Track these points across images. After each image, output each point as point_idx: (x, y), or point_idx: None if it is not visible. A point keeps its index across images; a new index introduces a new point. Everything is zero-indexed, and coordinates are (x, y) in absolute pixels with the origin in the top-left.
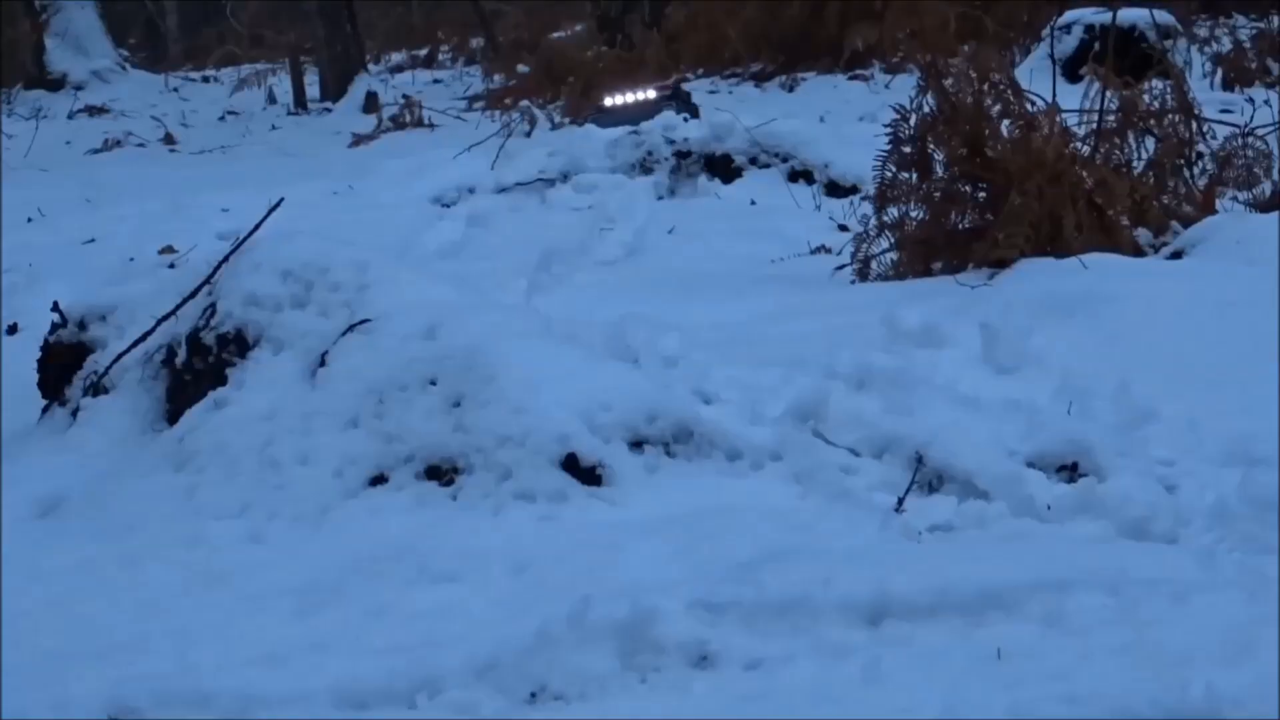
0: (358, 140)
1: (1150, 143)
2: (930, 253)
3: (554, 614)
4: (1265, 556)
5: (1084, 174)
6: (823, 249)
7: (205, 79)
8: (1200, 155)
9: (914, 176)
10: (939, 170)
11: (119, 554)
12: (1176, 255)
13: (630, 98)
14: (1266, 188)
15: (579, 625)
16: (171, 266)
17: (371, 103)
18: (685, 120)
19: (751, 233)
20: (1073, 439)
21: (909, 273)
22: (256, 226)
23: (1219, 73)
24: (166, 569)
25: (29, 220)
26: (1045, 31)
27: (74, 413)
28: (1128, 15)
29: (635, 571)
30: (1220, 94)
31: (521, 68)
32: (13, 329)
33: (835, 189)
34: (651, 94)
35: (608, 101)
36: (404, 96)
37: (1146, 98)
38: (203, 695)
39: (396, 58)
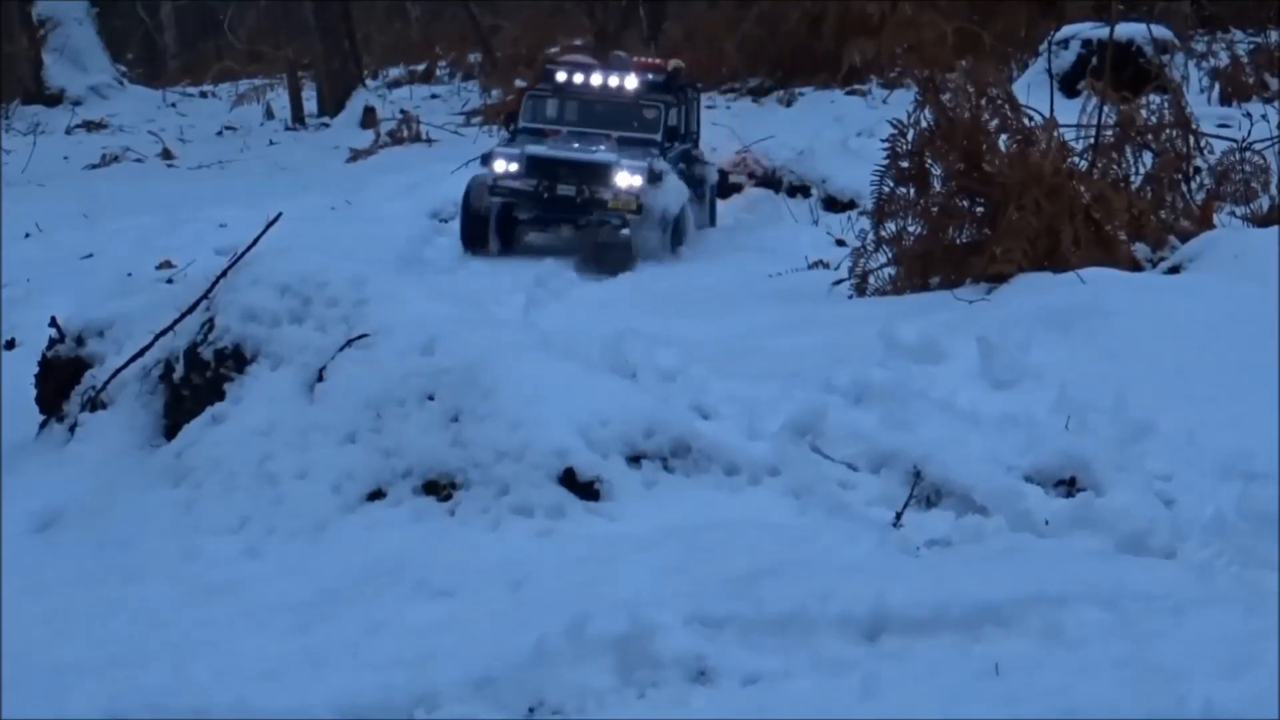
0: (355, 155)
1: (1148, 157)
2: (928, 267)
3: (552, 629)
4: (1263, 571)
5: (1082, 188)
6: (820, 264)
7: (203, 94)
8: (1198, 170)
9: (912, 191)
10: (937, 185)
11: (117, 568)
12: (1174, 270)
13: (597, 80)
14: (1264, 202)
15: (577, 640)
16: (169, 281)
17: (369, 117)
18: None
19: (749, 247)
20: (1070, 453)
21: (907, 287)
22: (254, 241)
23: (1216, 87)
24: (164, 583)
25: (26, 235)
26: (1043, 46)
27: (72, 428)
28: (1125, 30)
29: (633, 586)
30: (1218, 108)
31: (519, 82)
32: (11, 344)
33: (833, 204)
34: (631, 82)
35: (561, 76)
36: (401, 111)
37: (1144, 112)
38: (200, 709)
39: (394, 72)
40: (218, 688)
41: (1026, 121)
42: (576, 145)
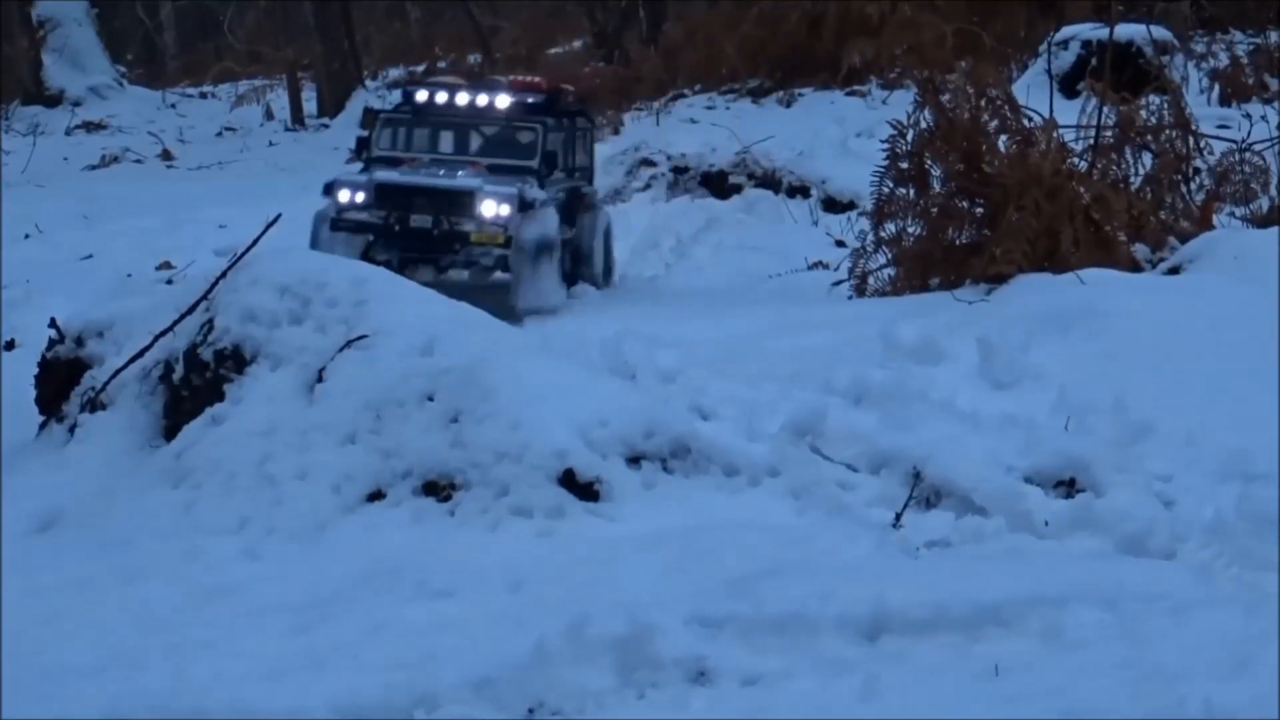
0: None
1: (1147, 158)
2: (927, 268)
3: (551, 630)
4: (1263, 572)
5: (1081, 189)
6: (820, 264)
7: (203, 95)
8: (1198, 170)
9: (911, 192)
10: (936, 186)
11: (116, 569)
12: (1174, 270)
13: (464, 100)
14: (1264, 203)
15: (577, 641)
16: (169, 282)
17: (369, 118)
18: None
19: (748, 248)
20: (1070, 454)
21: (906, 288)
22: (254, 242)
23: (1216, 88)
24: (164, 585)
25: (26, 236)
26: (1042, 47)
27: (71, 429)
28: (1125, 30)
29: (633, 587)
30: (1217, 109)
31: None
32: (10, 345)
33: (832, 204)
34: (502, 102)
35: (421, 96)
36: None
37: (1144, 113)
38: (200, 710)
39: (394, 73)
40: (218, 689)
41: (1026, 122)
42: (435, 171)
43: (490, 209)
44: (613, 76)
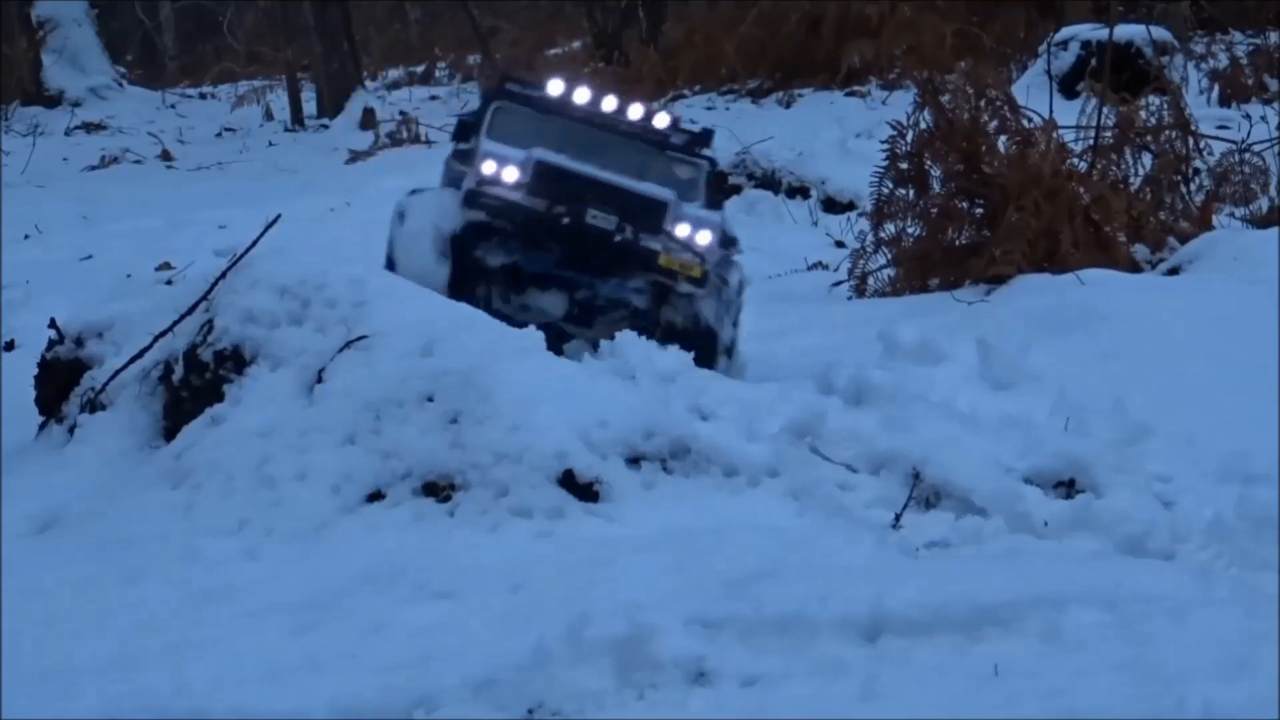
0: (355, 157)
1: (1147, 158)
2: (927, 269)
3: (551, 631)
4: (1263, 573)
5: (1081, 190)
6: (819, 265)
7: (202, 95)
8: (1197, 171)
9: (911, 193)
10: (936, 186)
11: (116, 571)
12: (1173, 271)
13: (610, 105)
14: (1264, 203)
15: (576, 642)
16: (169, 283)
17: (368, 119)
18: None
19: (748, 248)
20: (1070, 455)
21: (906, 289)
22: (253, 243)
23: (1215, 89)
24: (163, 586)
25: (26, 237)
26: (1042, 47)
27: (71, 429)
28: (1125, 31)
29: (632, 588)
30: (1217, 110)
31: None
32: (10, 345)
33: (832, 205)
34: (663, 118)
35: (555, 89)
36: (401, 113)
37: (1143, 113)
38: (199, 711)
39: (394, 74)
40: (217, 690)
41: (1026, 123)
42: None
43: (685, 230)
44: (613, 76)
